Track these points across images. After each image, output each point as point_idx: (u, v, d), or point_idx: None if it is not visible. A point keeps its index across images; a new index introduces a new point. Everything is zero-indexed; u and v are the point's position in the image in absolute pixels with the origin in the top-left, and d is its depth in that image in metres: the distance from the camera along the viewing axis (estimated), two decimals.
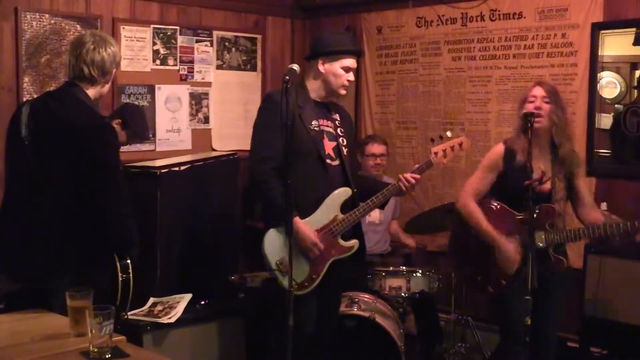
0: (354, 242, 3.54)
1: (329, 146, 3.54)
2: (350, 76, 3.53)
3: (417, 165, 3.59)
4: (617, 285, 4.15)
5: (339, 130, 3.61)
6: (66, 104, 2.99)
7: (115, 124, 4.33)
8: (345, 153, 3.57)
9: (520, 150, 3.48)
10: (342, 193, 3.48)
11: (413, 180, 3.46)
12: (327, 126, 3.57)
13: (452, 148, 3.55)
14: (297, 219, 3.36)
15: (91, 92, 3.05)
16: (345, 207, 3.51)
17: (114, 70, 3.12)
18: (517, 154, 3.48)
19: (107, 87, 3.13)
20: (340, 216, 3.48)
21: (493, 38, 5.23)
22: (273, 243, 3.43)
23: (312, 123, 3.50)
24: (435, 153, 3.53)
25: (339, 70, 3.50)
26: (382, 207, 3.67)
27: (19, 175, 3.03)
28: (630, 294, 4.09)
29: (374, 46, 5.94)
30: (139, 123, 4.58)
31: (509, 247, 3.44)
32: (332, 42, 3.55)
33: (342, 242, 3.51)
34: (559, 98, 3.49)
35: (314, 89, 3.57)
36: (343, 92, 3.57)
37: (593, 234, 3.36)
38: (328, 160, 3.50)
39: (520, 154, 3.47)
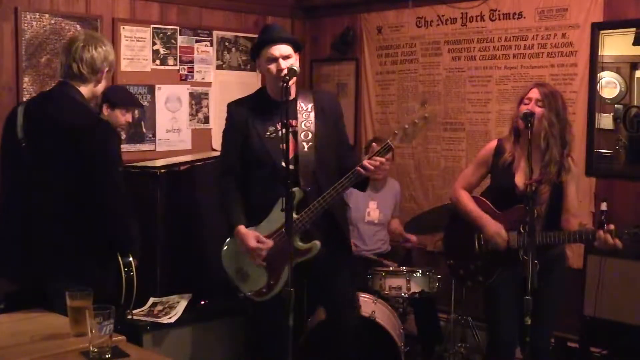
0: (312, 244, 3.36)
1: (291, 148, 3.37)
2: (281, 64, 3.34)
3: (375, 150, 3.37)
4: (617, 285, 4.16)
5: (303, 124, 3.44)
6: (61, 103, 2.98)
7: (105, 110, 4.34)
8: (306, 149, 3.40)
9: (507, 150, 3.50)
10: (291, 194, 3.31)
11: (371, 167, 3.25)
12: (290, 126, 3.37)
13: (415, 124, 3.26)
14: (239, 227, 3.38)
15: (84, 90, 3.03)
16: (303, 207, 3.35)
17: (106, 69, 3.09)
18: (504, 154, 3.51)
19: (100, 86, 3.11)
20: (294, 217, 3.27)
21: (493, 38, 5.23)
22: (230, 252, 3.47)
23: (269, 129, 3.41)
24: (395, 133, 3.29)
25: (265, 64, 3.39)
26: (362, 188, 3.57)
27: (16, 177, 3.01)
28: (630, 293, 4.09)
29: (374, 46, 5.95)
30: (123, 95, 4.57)
31: (495, 224, 3.46)
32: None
33: (299, 244, 3.35)
34: (556, 102, 3.41)
35: (271, 89, 3.48)
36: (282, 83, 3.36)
37: (556, 240, 3.36)
38: (285, 165, 3.30)
39: (506, 153, 3.49)
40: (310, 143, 3.42)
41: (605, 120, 4.72)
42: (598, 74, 4.70)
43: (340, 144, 3.59)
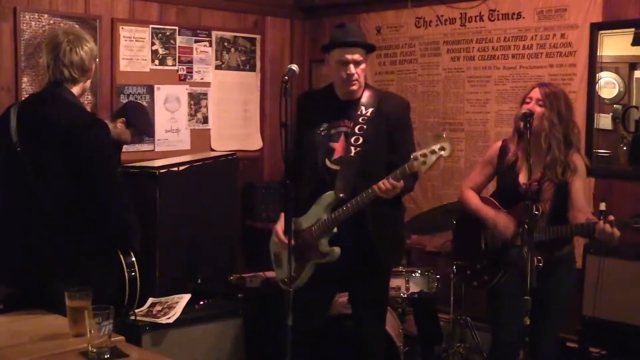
0: (331, 250, 3.35)
1: (339, 148, 3.41)
2: (350, 69, 3.33)
3: (393, 173, 3.23)
4: (616, 285, 4.15)
5: (357, 128, 3.40)
6: (53, 105, 2.97)
7: (120, 123, 4.37)
8: (352, 153, 3.37)
9: (510, 151, 3.51)
10: (326, 197, 3.35)
11: (383, 187, 3.17)
12: (344, 126, 3.43)
13: (433, 152, 3.11)
14: (283, 213, 3.40)
15: (75, 90, 3.03)
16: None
17: (94, 66, 3.09)
18: (508, 154, 3.51)
19: (89, 82, 3.12)
20: (323, 219, 3.36)
21: (492, 38, 5.23)
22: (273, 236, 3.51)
23: (323, 126, 3.43)
24: (415, 158, 3.13)
25: (335, 65, 3.38)
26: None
27: (12, 180, 3.00)
28: (630, 294, 4.09)
29: None
30: (143, 121, 4.60)
31: (497, 214, 3.46)
32: (329, 37, 3.47)
33: (321, 246, 3.36)
34: (558, 103, 3.39)
35: (337, 88, 3.46)
36: (350, 87, 3.38)
37: (560, 233, 3.34)
38: (329, 165, 3.41)
39: (510, 154, 3.50)
40: (358, 149, 3.37)
41: (604, 121, 4.72)
42: (597, 74, 4.71)
43: (395, 155, 3.35)
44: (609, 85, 4.69)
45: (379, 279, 3.59)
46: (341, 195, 3.33)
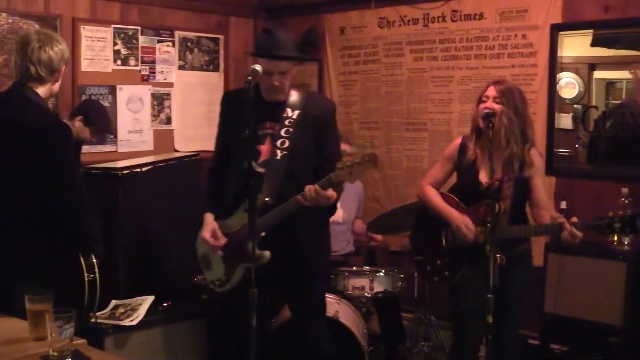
0: (261, 253, 3.24)
1: (265, 151, 3.36)
2: (274, 79, 3.27)
3: (319, 182, 3.21)
4: (576, 282, 4.21)
5: (283, 131, 3.36)
6: (16, 105, 2.94)
7: (78, 121, 4.32)
8: (278, 157, 3.33)
9: (470, 149, 3.54)
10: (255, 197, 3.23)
11: (307, 195, 3.15)
12: (270, 128, 3.38)
13: (360, 163, 3.06)
14: (205, 215, 3.42)
15: (41, 91, 2.99)
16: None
17: (63, 67, 3.05)
18: (468, 152, 3.54)
19: (57, 85, 3.07)
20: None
21: (454, 39, 5.28)
22: (200, 237, 3.51)
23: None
24: (341, 168, 3.08)
25: (261, 72, 3.24)
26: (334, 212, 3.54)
27: None
28: (590, 291, 4.15)
29: (336, 47, 5.96)
30: (101, 118, 4.56)
31: (462, 216, 3.48)
32: (256, 42, 3.43)
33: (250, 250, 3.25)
34: (514, 99, 3.44)
35: (261, 89, 3.39)
36: (273, 95, 3.33)
37: (522, 233, 3.39)
38: (255, 167, 3.31)
39: (470, 152, 3.53)
40: (284, 152, 3.33)
41: (565, 120, 4.79)
42: (557, 75, 4.77)
43: (322, 158, 3.35)
44: (569, 85, 4.76)
45: (309, 281, 3.53)
46: (267, 199, 3.27)
